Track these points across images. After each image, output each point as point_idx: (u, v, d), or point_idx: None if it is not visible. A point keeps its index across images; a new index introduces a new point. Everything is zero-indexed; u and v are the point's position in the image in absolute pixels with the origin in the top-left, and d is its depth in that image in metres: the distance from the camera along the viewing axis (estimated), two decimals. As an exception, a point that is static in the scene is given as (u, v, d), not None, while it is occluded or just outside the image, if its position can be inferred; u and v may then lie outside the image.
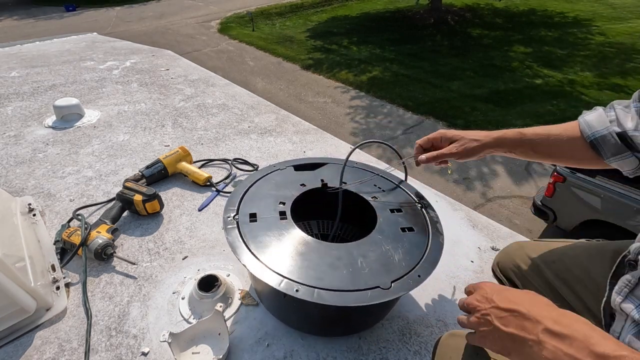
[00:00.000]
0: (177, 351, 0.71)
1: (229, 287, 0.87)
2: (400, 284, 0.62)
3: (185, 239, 1.04)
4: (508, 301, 0.45)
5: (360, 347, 0.77)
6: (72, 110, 1.71)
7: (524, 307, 0.43)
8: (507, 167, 4.38)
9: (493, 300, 0.46)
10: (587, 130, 0.64)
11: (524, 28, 8.91)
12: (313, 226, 0.93)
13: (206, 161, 1.41)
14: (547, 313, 0.42)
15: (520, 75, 6.65)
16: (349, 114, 5.85)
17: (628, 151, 0.60)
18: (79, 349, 0.76)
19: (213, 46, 9.30)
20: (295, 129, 1.69)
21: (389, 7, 11.81)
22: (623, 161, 0.61)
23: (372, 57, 7.92)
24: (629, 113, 0.60)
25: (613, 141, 0.61)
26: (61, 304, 0.83)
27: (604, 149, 0.62)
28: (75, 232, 0.95)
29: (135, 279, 0.92)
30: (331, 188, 0.85)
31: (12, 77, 2.32)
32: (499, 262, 0.84)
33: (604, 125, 0.62)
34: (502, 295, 0.46)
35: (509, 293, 0.47)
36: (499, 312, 0.44)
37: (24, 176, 1.32)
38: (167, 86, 2.19)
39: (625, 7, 9.92)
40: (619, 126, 0.61)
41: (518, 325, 0.42)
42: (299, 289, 0.60)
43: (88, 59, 2.73)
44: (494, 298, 0.46)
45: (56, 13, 14.18)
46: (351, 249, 0.69)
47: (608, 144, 0.61)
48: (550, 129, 0.70)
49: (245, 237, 0.70)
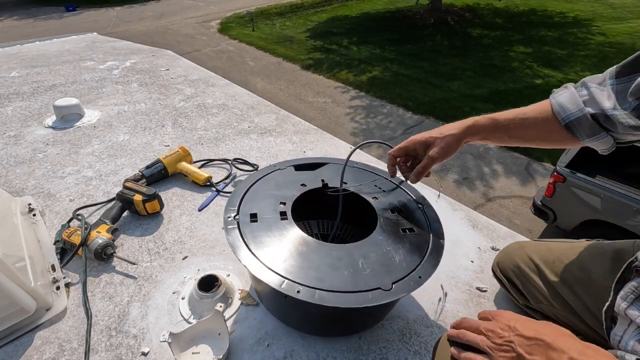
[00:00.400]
0: (177, 351, 0.71)
1: (229, 287, 0.87)
2: (401, 285, 0.62)
3: (185, 239, 1.04)
4: (533, 331, 0.45)
5: (360, 347, 0.77)
6: (72, 110, 1.71)
7: (549, 337, 0.44)
8: (507, 167, 4.38)
9: (517, 328, 0.46)
10: (562, 113, 0.63)
11: (524, 28, 8.91)
12: (313, 226, 0.93)
13: (206, 161, 1.41)
14: (572, 344, 0.42)
15: (520, 75, 6.65)
16: (349, 114, 5.85)
17: (603, 131, 0.59)
18: (79, 349, 0.75)
19: (213, 46, 9.30)
20: (295, 129, 1.69)
21: (389, 7, 11.81)
22: (598, 141, 0.61)
23: (372, 57, 7.92)
24: (605, 91, 0.58)
25: (589, 122, 0.60)
26: (61, 304, 0.83)
27: (579, 130, 0.61)
28: (75, 232, 0.95)
29: (135, 279, 0.92)
30: (331, 189, 0.85)
31: (12, 77, 2.32)
32: (499, 262, 0.84)
33: (578, 107, 0.61)
34: (526, 325, 0.47)
35: (533, 323, 0.47)
36: (523, 340, 0.45)
37: (24, 176, 1.32)
38: (167, 86, 2.19)
39: (625, 7, 9.92)
40: (593, 106, 0.59)
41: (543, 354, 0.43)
42: (300, 290, 0.60)
43: (88, 59, 2.73)
44: (518, 327, 0.46)
45: (56, 13, 14.18)
46: (352, 250, 0.68)
47: (583, 126, 0.60)
48: (525, 112, 0.69)
49: (245, 237, 0.69)
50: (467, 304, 0.87)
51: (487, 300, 0.89)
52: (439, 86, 6.45)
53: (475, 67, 7.10)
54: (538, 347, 0.43)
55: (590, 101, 0.60)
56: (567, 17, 9.45)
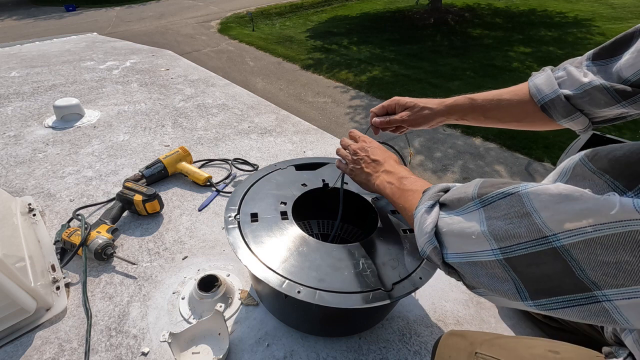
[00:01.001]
0: (177, 351, 0.71)
1: (229, 287, 0.87)
2: (402, 286, 0.62)
3: (185, 239, 1.04)
4: (375, 155, 0.68)
5: (360, 347, 0.77)
6: (72, 110, 1.71)
7: (383, 159, 0.67)
8: (507, 167, 4.38)
9: (368, 151, 0.70)
10: (537, 95, 0.64)
11: (524, 28, 8.91)
12: (313, 226, 0.93)
13: (206, 161, 1.40)
14: (390, 164, 0.66)
15: (520, 75, 6.64)
16: (349, 113, 5.85)
17: (577, 112, 0.61)
18: (79, 349, 0.75)
19: (213, 46, 9.30)
20: (295, 129, 1.69)
21: (389, 7, 11.81)
22: (574, 121, 0.62)
23: (372, 57, 7.92)
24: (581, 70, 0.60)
25: (562, 103, 0.61)
26: (61, 304, 0.83)
27: (554, 111, 0.63)
28: (75, 232, 0.95)
29: (135, 279, 0.92)
30: (330, 187, 0.85)
31: (12, 77, 2.32)
32: None
33: (552, 88, 0.62)
34: (375, 150, 0.69)
35: (378, 150, 0.69)
36: (368, 159, 0.69)
37: (24, 176, 1.32)
38: (167, 86, 2.19)
39: (625, 7, 9.92)
40: (569, 87, 0.61)
41: (373, 167, 0.67)
42: (300, 290, 0.60)
43: (88, 59, 2.73)
44: (369, 151, 0.70)
45: (56, 13, 14.18)
46: (353, 250, 0.68)
47: (557, 106, 0.62)
48: (501, 94, 0.71)
49: (246, 237, 0.69)
50: (467, 304, 0.87)
51: (487, 300, 0.88)
52: (439, 86, 6.44)
53: (475, 67, 7.10)
54: (373, 164, 0.68)
55: (566, 82, 0.61)
56: (567, 17, 9.44)
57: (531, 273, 0.34)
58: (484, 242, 0.37)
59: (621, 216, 0.26)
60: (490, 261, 0.37)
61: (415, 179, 0.60)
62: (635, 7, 9.87)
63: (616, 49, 0.55)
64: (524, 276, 0.35)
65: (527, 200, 0.33)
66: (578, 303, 0.32)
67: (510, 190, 0.36)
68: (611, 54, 0.56)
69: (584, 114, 0.61)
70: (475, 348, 0.57)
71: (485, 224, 0.37)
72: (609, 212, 0.27)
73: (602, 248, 0.28)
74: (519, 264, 0.35)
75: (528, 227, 0.33)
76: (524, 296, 0.35)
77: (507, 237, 0.35)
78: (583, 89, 0.58)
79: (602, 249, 0.28)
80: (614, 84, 0.53)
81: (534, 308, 0.35)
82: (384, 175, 0.64)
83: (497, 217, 0.36)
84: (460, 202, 0.42)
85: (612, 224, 0.27)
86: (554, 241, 0.31)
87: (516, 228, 0.34)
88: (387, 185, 0.62)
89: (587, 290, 0.31)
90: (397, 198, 0.59)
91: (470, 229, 0.39)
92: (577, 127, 0.64)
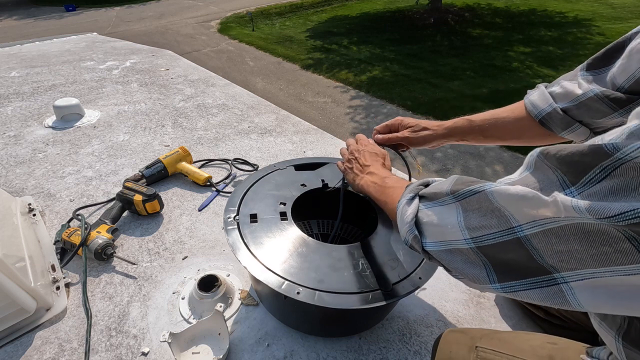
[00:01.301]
0: (177, 351, 0.71)
1: (229, 287, 0.87)
2: (402, 286, 0.62)
3: (185, 239, 1.04)
4: (365, 159, 0.72)
5: (360, 347, 0.77)
6: (72, 110, 1.71)
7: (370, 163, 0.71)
8: (507, 167, 4.38)
9: (360, 152, 0.74)
10: (534, 110, 0.66)
11: (524, 28, 8.91)
12: (313, 226, 0.93)
13: (206, 161, 1.41)
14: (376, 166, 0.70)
15: (520, 75, 6.64)
16: (349, 113, 5.85)
17: (576, 123, 0.61)
18: (79, 349, 0.76)
19: (213, 46, 9.30)
20: (295, 129, 1.69)
21: (389, 7, 11.81)
22: (574, 133, 0.63)
23: (372, 57, 7.92)
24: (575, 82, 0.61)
25: (560, 116, 0.62)
26: (61, 304, 0.83)
27: (553, 124, 0.64)
28: (75, 232, 0.95)
29: (135, 279, 0.92)
30: (330, 188, 0.85)
31: (12, 77, 2.32)
32: None
33: (547, 102, 0.64)
34: (365, 154, 0.73)
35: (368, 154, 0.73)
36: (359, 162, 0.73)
37: (24, 176, 1.32)
38: (167, 86, 2.19)
39: (625, 7, 9.92)
40: (564, 100, 0.62)
41: (360, 169, 0.71)
42: (300, 291, 0.60)
43: (88, 59, 2.73)
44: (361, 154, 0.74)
45: (56, 13, 14.18)
46: (352, 251, 0.68)
47: (555, 119, 0.63)
48: (498, 112, 0.74)
49: (246, 238, 0.69)
50: (467, 304, 0.87)
51: (487, 300, 0.89)
52: (439, 86, 6.44)
53: (475, 67, 7.10)
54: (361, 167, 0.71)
55: (561, 95, 0.62)
56: (567, 17, 9.44)
57: (500, 259, 0.38)
58: (457, 232, 0.41)
59: (565, 214, 0.31)
60: (465, 249, 0.41)
61: (396, 179, 0.64)
62: (635, 7, 9.86)
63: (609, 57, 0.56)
64: (493, 262, 0.39)
65: (492, 197, 0.38)
66: (539, 285, 0.36)
67: (478, 189, 0.40)
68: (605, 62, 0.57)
69: (584, 125, 0.61)
70: (475, 342, 0.58)
71: (462, 216, 0.41)
72: (556, 210, 0.31)
73: (556, 238, 0.32)
74: (490, 251, 0.39)
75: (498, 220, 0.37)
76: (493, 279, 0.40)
77: (480, 227, 0.39)
78: (578, 100, 0.59)
79: (556, 238, 0.32)
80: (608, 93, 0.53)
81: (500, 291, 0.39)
82: (368, 177, 0.68)
83: (471, 210, 0.41)
84: (437, 195, 0.46)
85: (559, 219, 0.32)
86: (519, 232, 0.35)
87: (488, 220, 0.38)
88: (370, 184, 0.66)
89: (547, 273, 0.35)
90: (379, 195, 0.63)
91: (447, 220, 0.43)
92: (579, 138, 0.64)
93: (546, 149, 0.35)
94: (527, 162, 0.37)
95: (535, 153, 0.36)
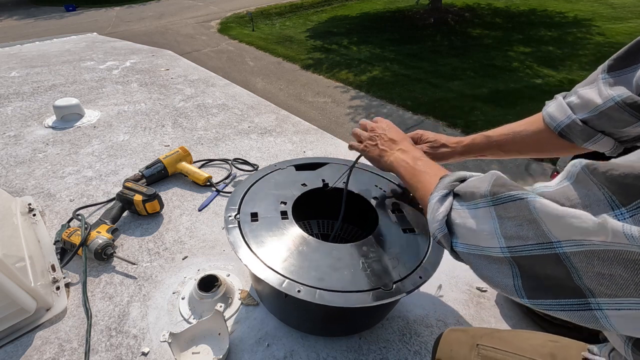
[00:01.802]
0: (177, 351, 0.71)
1: (229, 287, 0.87)
2: (402, 285, 0.62)
3: (185, 239, 1.04)
4: (391, 134, 0.73)
5: (360, 347, 0.77)
6: (72, 110, 1.71)
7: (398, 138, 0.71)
8: (507, 167, 4.38)
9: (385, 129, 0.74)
10: (552, 123, 0.64)
11: (524, 28, 8.91)
12: (313, 226, 0.93)
13: (206, 161, 1.41)
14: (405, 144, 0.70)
15: (520, 75, 6.64)
16: (349, 114, 5.85)
17: (598, 133, 0.59)
18: (79, 349, 0.75)
19: (213, 46, 9.30)
20: (295, 129, 1.69)
21: (389, 7, 11.81)
22: (597, 143, 0.61)
23: (372, 57, 7.92)
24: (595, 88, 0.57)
25: (580, 127, 0.60)
26: (61, 304, 0.83)
27: (574, 136, 0.62)
28: (75, 232, 0.95)
29: (135, 279, 0.92)
30: (332, 187, 0.85)
31: (12, 77, 2.32)
32: None
33: (566, 114, 0.62)
34: (392, 130, 0.74)
35: (395, 131, 0.74)
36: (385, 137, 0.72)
37: (24, 176, 1.32)
38: (167, 86, 2.19)
39: (625, 7, 9.92)
40: (583, 110, 0.59)
41: (389, 145, 0.71)
42: (300, 289, 0.60)
43: (88, 59, 2.73)
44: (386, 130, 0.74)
45: (56, 13, 14.18)
46: (352, 250, 0.68)
47: (574, 131, 0.61)
48: (517, 126, 0.72)
49: (246, 236, 0.69)
50: (467, 304, 0.87)
51: (487, 300, 0.89)
52: (439, 86, 6.44)
53: (475, 67, 7.10)
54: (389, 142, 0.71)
55: (579, 106, 0.60)
56: (567, 17, 9.44)
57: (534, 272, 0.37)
58: (493, 239, 0.39)
59: (614, 239, 0.29)
60: (498, 257, 0.39)
61: (428, 161, 0.63)
62: (635, 7, 9.86)
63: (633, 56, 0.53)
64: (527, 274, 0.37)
65: (534, 209, 0.35)
66: (570, 308, 0.34)
67: (520, 195, 0.37)
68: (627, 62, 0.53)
69: (607, 135, 0.58)
70: (476, 341, 0.58)
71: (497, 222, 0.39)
72: (603, 234, 0.30)
73: (599, 260, 0.31)
74: (525, 263, 0.37)
75: (536, 232, 0.35)
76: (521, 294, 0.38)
77: (516, 237, 0.37)
78: (598, 110, 0.56)
79: (598, 261, 0.31)
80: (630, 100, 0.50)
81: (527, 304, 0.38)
82: (399, 153, 0.67)
83: (508, 217, 0.38)
84: (474, 196, 0.44)
85: (606, 244, 0.29)
86: (557, 247, 0.33)
87: (525, 231, 0.36)
88: (401, 163, 0.65)
89: (583, 297, 0.33)
90: (409, 178, 0.62)
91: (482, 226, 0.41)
92: (603, 149, 0.61)
93: (593, 163, 0.33)
94: (569, 172, 0.35)
95: (579, 165, 0.34)
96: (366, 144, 0.75)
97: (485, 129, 0.79)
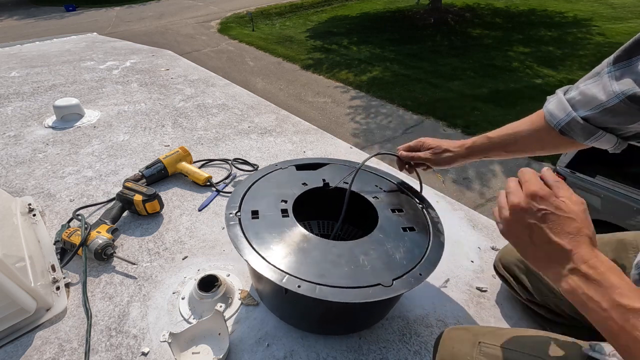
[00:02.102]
0: (177, 351, 0.71)
1: (229, 287, 0.87)
2: (402, 282, 0.62)
3: (185, 239, 1.04)
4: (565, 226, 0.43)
5: (360, 347, 0.77)
6: (72, 110, 1.71)
7: (578, 242, 0.43)
8: (507, 167, 4.38)
9: (557, 215, 0.44)
10: (553, 120, 0.62)
11: (524, 28, 8.92)
12: (314, 226, 0.93)
13: (206, 161, 1.41)
14: (588, 252, 0.42)
15: (520, 75, 6.65)
16: (349, 114, 5.85)
17: (600, 130, 0.57)
18: (79, 349, 0.75)
19: (213, 46, 9.31)
20: (295, 129, 1.69)
21: (389, 7, 11.81)
22: (599, 141, 0.59)
23: (372, 57, 7.92)
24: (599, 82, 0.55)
25: (580, 125, 0.58)
26: (61, 304, 0.83)
27: (574, 134, 0.60)
28: (75, 232, 0.95)
29: (135, 279, 0.92)
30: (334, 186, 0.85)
31: (12, 77, 2.32)
32: (502, 259, 0.84)
33: (566, 112, 0.60)
34: (564, 220, 0.44)
35: (567, 220, 0.45)
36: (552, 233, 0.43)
37: (24, 176, 1.32)
38: (167, 86, 2.19)
39: (625, 7, 9.92)
40: (584, 107, 0.57)
41: (562, 256, 0.42)
42: (300, 284, 0.60)
43: (88, 59, 2.73)
44: (560, 217, 0.44)
45: (56, 13, 14.19)
46: (353, 247, 0.69)
47: (575, 128, 0.59)
48: (518, 126, 0.71)
49: (247, 233, 0.70)
50: (468, 304, 0.87)
51: (487, 300, 0.89)
52: (439, 86, 6.45)
53: (475, 67, 7.11)
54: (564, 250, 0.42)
55: (581, 102, 0.58)
56: (567, 17, 9.45)
57: None
58: None
59: None
60: None
61: (631, 292, 0.38)
62: (635, 7, 9.87)
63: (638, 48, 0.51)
64: None
65: None
66: None
67: None
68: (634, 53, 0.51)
69: (609, 132, 0.57)
70: (478, 338, 0.58)
71: None
72: None
73: None
74: None
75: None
76: None
77: None
78: (602, 107, 0.54)
79: None
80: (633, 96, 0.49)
81: None
82: (578, 280, 0.41)
83: None
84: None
85: None
86: None
87: None
88: (587, 300, 0.40)
89: None
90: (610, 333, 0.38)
91: None
92: (606, 146, 0.60)
93: None
94: None
95: None
96: (517, 230, 0.47)
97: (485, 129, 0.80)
